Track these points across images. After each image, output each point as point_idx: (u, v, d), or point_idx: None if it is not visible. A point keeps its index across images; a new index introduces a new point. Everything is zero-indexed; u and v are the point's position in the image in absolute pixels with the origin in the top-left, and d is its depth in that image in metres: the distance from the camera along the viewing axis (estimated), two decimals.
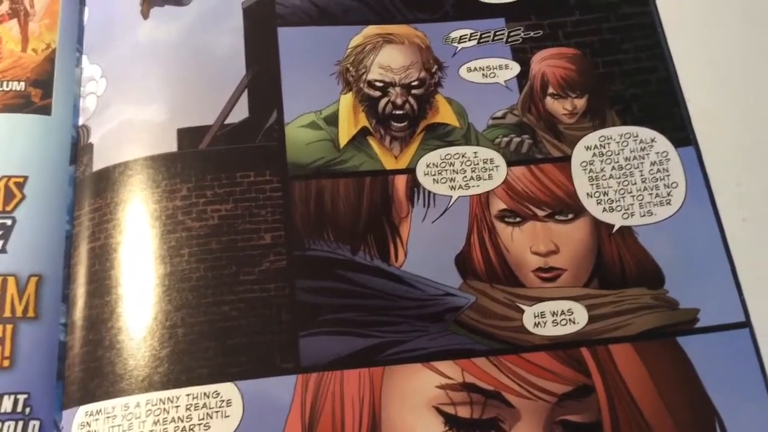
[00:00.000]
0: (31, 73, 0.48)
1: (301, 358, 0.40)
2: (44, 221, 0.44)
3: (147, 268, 0.42)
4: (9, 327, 0.41)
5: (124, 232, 0.43)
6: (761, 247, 0.43)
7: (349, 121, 0.46)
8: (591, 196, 0.45)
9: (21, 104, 0.47)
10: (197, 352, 0.40)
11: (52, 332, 0.42)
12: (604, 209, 0.44)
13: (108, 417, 0.39)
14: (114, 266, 0.42)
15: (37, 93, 0.47)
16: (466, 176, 0.45)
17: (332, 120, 0.46)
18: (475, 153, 0.46)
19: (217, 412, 0.38)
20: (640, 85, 0.48)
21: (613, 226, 0.44)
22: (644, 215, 0.44)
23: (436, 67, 0.48)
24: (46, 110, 0.47)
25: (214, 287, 0.41)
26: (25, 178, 0.45)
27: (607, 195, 0.45)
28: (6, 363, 0.40)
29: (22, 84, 0.48)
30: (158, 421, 0.38)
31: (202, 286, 0.41)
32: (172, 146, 0.45)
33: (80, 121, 0.47)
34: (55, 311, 0.42)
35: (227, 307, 0.41)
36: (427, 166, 0.45)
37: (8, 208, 0.44)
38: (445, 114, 0.47)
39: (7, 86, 0.47)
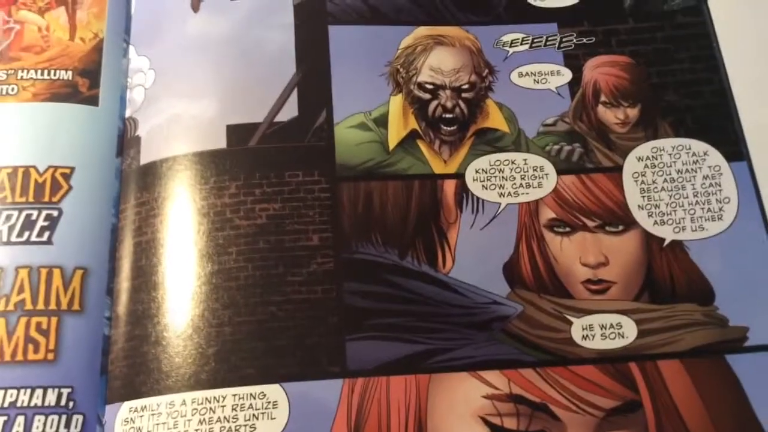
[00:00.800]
0: (78, 63, 0.48)
1: (348, 362, 0.40)
2: (91, 213, 0.44)
3: (194, 265, 0.42)
4: (54, 320, 0.41)
5: (171, 227, 0.43)
6: None
7: (399, 123, 0.46)
8: (642, 208, 0.44)
9: (68, 94, 0.47)
10: (244, 351, 0.40)
11: (97, 326, 0.42)
12: (655, 222, 0.44)
13: (153, 414, 0.39)
14: (160, 262, 0.42)
15: (85, 83, 0.47)
16: (515, 183, 0.45)
17: (382, 121, 0.46)
18: (525, 160, 0.45)
19: (263, 413, 0.38)
20: (693, 96, 0.47)
21: (663, 239, 0.43)
22: (695, 230, 0.44)
23: (486, 70, 0.47)
24: (93, 100, 0.47)
25: (262, 287, 0.41)
26: (72, 169, 0.44)
27: (659, 208, 0.44)
28: (50, 356, 0.40)
29: (70, 73, 0.47)
30: (204, 420, 0.38)
31: (250, 285, 0.41)
32: (221, 143, 0.44)
33: (127, 113, 0.47)
34: (99, 305, 0.42)
35: (275, 307, 0.41)
36: (476, 171, 0.45)
37: (55, 199, 0.44)
38: (495, 119, 0.46)
39: (55, 75, 0.47)
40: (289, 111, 0.45)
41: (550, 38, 0.48)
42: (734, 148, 0.46)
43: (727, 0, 0.49)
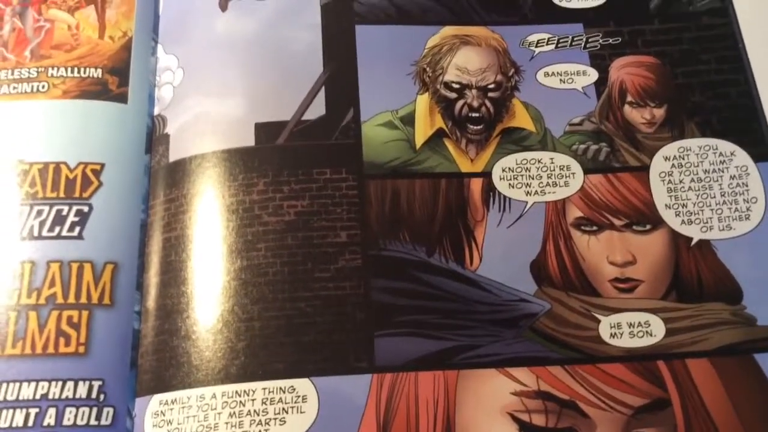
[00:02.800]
0: (108, 61, 0.48)
1: (376, 357, 0.40)
2: (120, 209, 0.44)
3: (223, 260, 0.42)
4: (85, 313, 0.42)
5: (200, 223, 0.43)
6: None
7: (426, 122, 0.46)
8: (669, 208, 0.44)
9: (98, 91, 0.47)
10: (273, 346, 0.40)
11: (127, 320, 0.42)
12: (683, 221, 0.44)
13: (183, 407, 0.39)
14: (189, 257, 0.42)
15: (114, 81, 0.48)
16: (542, 182, 0.45)
17: (409, 120, 0.46)
18: (552, 159, 0.45)
19: (292, 407, 0.38)
20: (719, 97, 0.47)
21: (691, 239, 0.43)
22: (723, 229, 0.43)
23: (513, 70, 0.48)
24: (122, 98, 0.47)
25: (291, 283, 0.41)
26: (102, 165, 0.45)
27: (686, 207, 0.44)
28: (81, 349, 0.41)
29: (99, 71, 0.48)
30: (234, 413, 0.38)
31: (278, 281, 0.41)
32: (249, 140, 0.45)
33: (156, 111, 0.47)
34: (129, 299, 0.42)
35: (303, 303, 0.41)
36: (503, 170, 0.45)
37: (85, 195, 0.44)
38: (521, 118, 0.47)
39: (85, 72, 0.48)
40: (317, 109, 0.46)
41: (576, 38, 0.49)
42: (761, 149, 0.46)
43: (753, 1, 0.50)
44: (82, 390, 0.40)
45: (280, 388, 0.39)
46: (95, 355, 0.41)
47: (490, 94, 0.47)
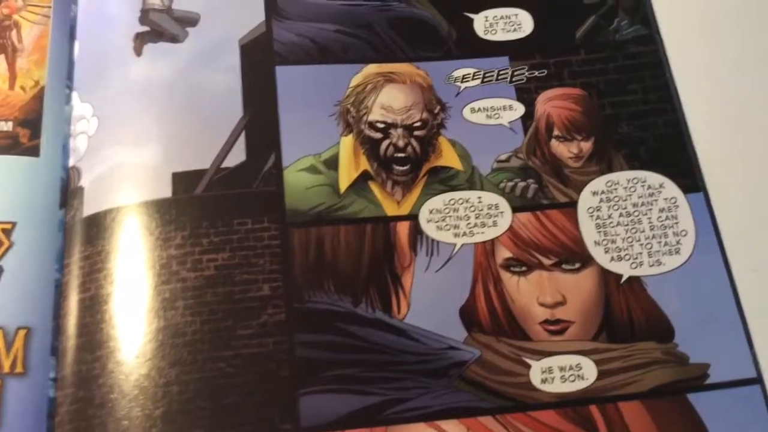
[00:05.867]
0: (18, 112, 0.46)
1: (301, 417, 0.38)
2: (33, 270, 0.42)
3: (140, 321, 0.40)
4: None
5: (116, 282, 0.41)
6: None
7: (350, 165, 0.45)
8: (599, 244, 0.43)
9: (8, 145, 0.45)
10: (192, 411, 0.38)
11: (41, 388, 0.40)
12: (612, 258, 0.43)
13: None
14: (105, 319, 0.41)
15: (25, 133, 0.46)
16: (470, 223, 0.44)
17: (332, 163, 0.45)
18: (480, 198, 0.44)
19: None
20: (647, 127, 0.46)
21: (621, 276, 0.43)
22: (653, 265, 0.43)
23: (438, 107, 0.47)
24: (34, 151, 0.45)
25: (210, 342, 0.40)
26: (13, 224, 0.43)
27: (615, 243, 0.43)
28: None
29: (10, 124, 0.46)
30: None
31: (198, 341, 0.40)
32: (166, 191, 0.43)
33: (70, 163, 0.46)
34: (44, 366, 0.41)
35: (223, 363, 0.39)
36: (430, 212, 0.44)
37: None
38: (448, 157, 0.46)
39: None
40: (237, 156, 0.44)
41: (501, 72, 0.48)
42: (690, 180, 0.45)
43: (679, 28, 0.49)
44: None
45: None
46: (8, 427, 0.39)
47: (416, 133, 0.46)
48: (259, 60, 0.47)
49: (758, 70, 0.48)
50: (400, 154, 0.45)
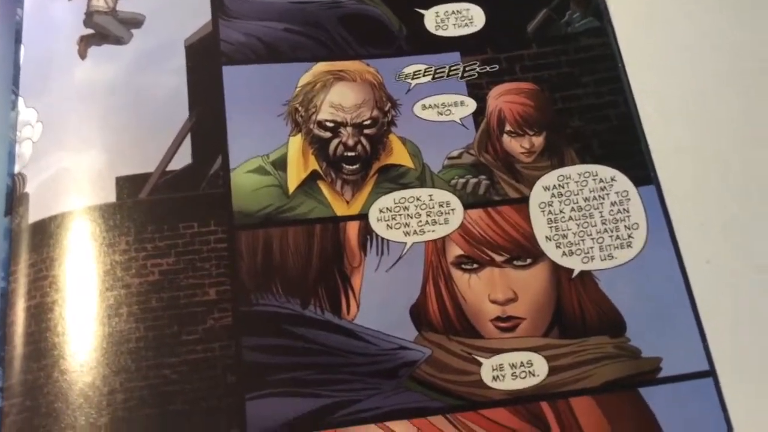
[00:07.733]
0: None
1: (249, 423, 0.38)
2: None
3: (84, 329, 0.40)
4: None
5: (61, 290, 0.41)
6: (725, 291, 0.42)
7: (299, 165, 0.44)
8: (550, 239, 0.43)
9: None
10: (137, 419, 0.38)
11: None
12: (564, 253, 0.43)
13: None
14: (50, 327, 0.40)
15: None
16: (421, 221, 0.43)
17: (281, 164, 0.44)
18: (431, 196, 0.44)
19: None
20: (599, 120, 0.46)
21: (572, 271, 0.42)
22: (604, 259, 0.43)
23: (389, 105, 0.46)
24: None
25: (155, 348, 0.39)
26: None
27: (567, 238, 0.43)
28: None
29: None
30: None
31: (142, 348, 0.39)
32: (110, 196, 0.42)
33: (16, 169, 0.45)
34: None
35: (168, 370, 0.39)
36: (380, 211, 0.43)
37: None
38: (398, 155, 0.45)
39: None
40: (183, 158, 0.44)
41: (452, 68, 0.47)
42: (642, 172, 0.45)
43: (630, 18, 0.49)
44: None
45: None
46: None
47: (366, 131, 0.45)
48: (206, 60, 0.46)
49: (711, 60, 0.48)
50: (350, 153, 0.45)
